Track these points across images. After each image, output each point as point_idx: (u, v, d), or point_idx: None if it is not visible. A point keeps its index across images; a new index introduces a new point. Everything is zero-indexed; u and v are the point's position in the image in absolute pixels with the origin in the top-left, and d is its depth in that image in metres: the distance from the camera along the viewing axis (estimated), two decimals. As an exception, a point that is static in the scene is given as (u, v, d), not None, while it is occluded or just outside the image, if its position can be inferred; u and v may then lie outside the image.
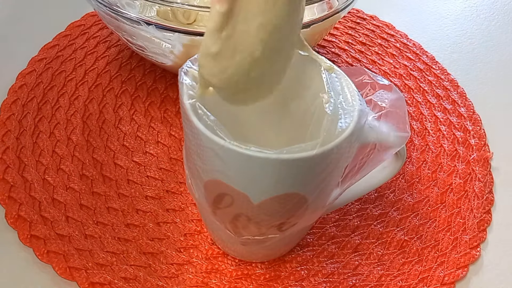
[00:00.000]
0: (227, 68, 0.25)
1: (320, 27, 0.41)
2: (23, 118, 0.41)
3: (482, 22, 0.58)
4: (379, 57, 0.51)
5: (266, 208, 0.27)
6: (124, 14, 0.38)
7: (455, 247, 0.36)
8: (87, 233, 0.34)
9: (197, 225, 0.36)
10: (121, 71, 0.46)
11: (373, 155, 0.30)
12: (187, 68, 0.29)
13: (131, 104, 0.44)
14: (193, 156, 0.27)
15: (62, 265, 0.32)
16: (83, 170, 0.38)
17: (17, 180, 0.36)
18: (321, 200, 0.29)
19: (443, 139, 0.44)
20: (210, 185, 0.28)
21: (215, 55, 0.25)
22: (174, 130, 0.42)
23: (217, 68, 0.25)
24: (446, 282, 0.34)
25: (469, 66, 0.52)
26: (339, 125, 0.27)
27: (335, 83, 0.30)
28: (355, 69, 0.32)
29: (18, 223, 0.34)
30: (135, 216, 0.36)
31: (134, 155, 0.40)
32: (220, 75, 0.26)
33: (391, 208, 0.38)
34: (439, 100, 0.47)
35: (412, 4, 0.60)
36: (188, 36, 0.38)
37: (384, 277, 0.34)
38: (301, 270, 0.34)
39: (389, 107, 0.30)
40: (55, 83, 0.44)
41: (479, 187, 0.40)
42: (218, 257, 0.34)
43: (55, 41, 0.48)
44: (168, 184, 0.38)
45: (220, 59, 0.25)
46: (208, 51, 0.25)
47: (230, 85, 0.26)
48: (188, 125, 0.27)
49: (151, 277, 0.33)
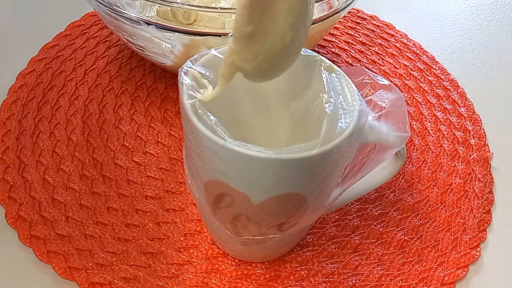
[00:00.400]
0: (258, 54, 0.24)
1: (320, 27, 0.41)
2: (23, 118, 0.41)
3: (482, 22, 0.58)
4: (379, 57, 0.51)
5: (266, 208, 0.27)
6: (124, 14, 0.38)
7: (455, 247, 0.36)
8: (87, 233, 0.34)
9: (197, 225, 0.36)
10: (121, 71, 0.46)
11: (373, 155, 0.30)
12: (187, 68, 0.29)
13: (131, 104, 0.44)
14: (193, 156, 0.27)
15: (62, 265, 0.32)
16: (83, 170, 0.38)
17: (17, 180, 0.36)
18: (321, 200, 0.29)
19: (443, 139, 0.44)
20: (210, 185, 0.28)
21: (249, 37, 0.23)
22: (174, 130, 0.42)
23: (250, 53, 0.24)
24: (446, 282, 0.34)
25: (469, 66, 0.52)
26: (339, 125, 0.27)
27: (335, 83, 0.30)
28: (355, 69, 0.32)
29: (18, 223, 0.34)
30: (135, 216, 0.36)
31: (134, 155, 0.40)
32: (252, 61, 0.24)
33: (391, 208, 0.38)
34: (439, 100, 0.47)
35: (412, 4, 0.60)
36: (188, 36, 0.38)
37: (384, 277, 0.34)
38: (301, 270, 0.34)
39: (389, 107, 0.30)
40: (55, 83, 0.44)
41: (479, 187, 0.40)
42: (218, 257, 0.34)
43: (55, 41, 0.48)
44: (168, 184, 0.38)
45: (254, 41, 0.23)
46: (243, 31, 0.23)
47: (260, 71, 0.25)
48: (188, 125, 0.27)
49: (151, 277, 0.33)
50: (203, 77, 0.29)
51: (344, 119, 0.27)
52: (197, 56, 0.30)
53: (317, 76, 0.31)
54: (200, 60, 0.30)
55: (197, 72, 0.29)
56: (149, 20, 0.38)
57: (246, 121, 0.33)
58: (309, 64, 0.31)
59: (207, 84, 0.29)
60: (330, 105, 0.28)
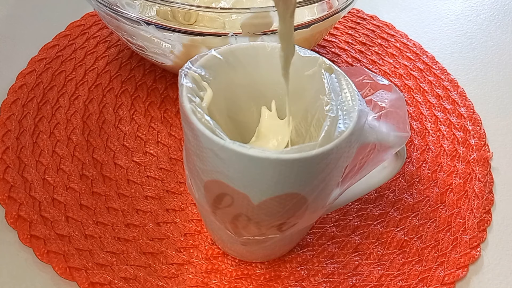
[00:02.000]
0: None
1: (320, 27, 0.41)
2: (23, 118, 0.41)
3: (482, 22, 0.58)
4: (379, 57, 0.51)
5: (266, 208, 0.27)
6: (124, 14, 0.38)
7: (455, 247, 0.36)
8: (87, 233, 0.34)
9: (197, 225, 0.36)
10: (121, 71, 0.46)
11: (373, 155, 0.30)
12: (187, 70, 0.29)
13: (131, 104, 0.44)
14: (193, 156, 0.27)
15: (62, 265, 0.32)
16: (83, 170, 0.38)
17: (17, 180, 0.36)
18: (321, 200, 0.29)
19: (443, 139, 0.44)
20: (210, 185, 0.28)
21: None
22: (174, 130, 0.42)
23: None
24: (446, 282, 0.34)
25: (469, 66, 0.52)
26: (339, 125, 0.27)
27: (335, 83, 0.30)
28: (355, 69, 0.32)
29: (18, 223, 0.34)
30: (135, 216, 0.36)
31: (134, 155, 0.40)
32: None
33: (391, 208, 0.38)
34: (439, 100, 0.47)
35: (412, 4, 0.60)
36: (188, 36, 0.38)
37: (384, 277, 0.34)
38: (301, 270, 0.34)
39: (389, 107, 0.30)
40: (55, 83, 0.44)
41: (479, 187, 0.40)
42: (218, 257, 0.34)
43: (55, 41, 0.48)
44: (168, 184, 0.38)
45: None
46: None
47: None
48: (188, 125, 0.27)
49: (151, 277, 0.33)
50: (203, 79, 0.29)
51: (344, 119, 0.27)
52: (197, 56, 0.30)
53: (317, 76, 0.31)
54: (200, 60, 0.30)
55: (197, 74, 0.29)
56: (149, 20, 0.38)
57: (246, 122, 0.33)
58: (309, 65, 0.31)
59: (207, 86, 0.29)
60: (330, 105, 0.28)
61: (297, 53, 0.31)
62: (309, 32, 0.40)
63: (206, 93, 0.29)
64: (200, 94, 0.28)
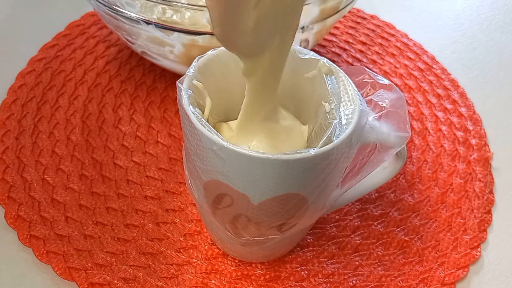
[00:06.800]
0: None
1: (320, 27, 0.41)
2: (23, 118, 0.41)
3: (482, 22, 0.58)
4: (380, 56, 0.51)
5: (266, 208, 0.27)
6: (123, 14, 0.38)
7: (456, 247, 0.36)
8: (86, 233, 0.34)
9: (197, 225, 0.36)
10: (121, 71, 0.46)
11: (373, 156, 0.30)
12: (187, 73, 0.29)
13: (130, 104, 0.44)
14: (193, 156, 0.27)
15: (61, 265, 0.32)
16: (83, 170, 0.38)
17: (17, 180, 0.36)
18: (321, 201, 0.29)
19: (444, 139, 0.44)
20: (209, 186, 0.28)
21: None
22: (174, 130, 0.42)
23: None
24: (447, 283, 0.34)
25: (469, 66, 0.52)
26: (339, 125, 0.27)
27: (335, 83, 0.30)
28: (355, 69, 0.32)
29: (17, 223, 0.34)
30: (134, 216, 0.36)
31: (133, 155, 0.40)
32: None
33: (392, 208, 0.38)
34: (440, 100, 0.47)
35: (413, 3, 0.60)
36: (188, 35, 0.38)
37: (385, 278, 0.34)
38: (301, 270, 0.34)
39: (390, 107, 0.30)
40: (55, 83, 0.44)
41: (480, 187, 0.40)
42: (218, 258, 0.34)
43: (54, 41, 0.48)
44: (168, 184, 0.38)
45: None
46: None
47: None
48: (188, 126, 0.27)
49: (151, 277, 0.33)
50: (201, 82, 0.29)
51: (344, 120, 0.27)
52: (197, 58, 0.30)
53: (317, 77, 0.31)
54: (200, 60, 0.30)
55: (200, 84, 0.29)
56: (149, 19, 0.38)
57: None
58: (309, 66, 0.31)
59: (206, 95, 0.29)
60: (330, 106, 0.28)
61: (297, 55, 0.31)
62: (310, 31, 0.40)
63: (206, 102, 0.29)
64: (200, 102, 0.29)
